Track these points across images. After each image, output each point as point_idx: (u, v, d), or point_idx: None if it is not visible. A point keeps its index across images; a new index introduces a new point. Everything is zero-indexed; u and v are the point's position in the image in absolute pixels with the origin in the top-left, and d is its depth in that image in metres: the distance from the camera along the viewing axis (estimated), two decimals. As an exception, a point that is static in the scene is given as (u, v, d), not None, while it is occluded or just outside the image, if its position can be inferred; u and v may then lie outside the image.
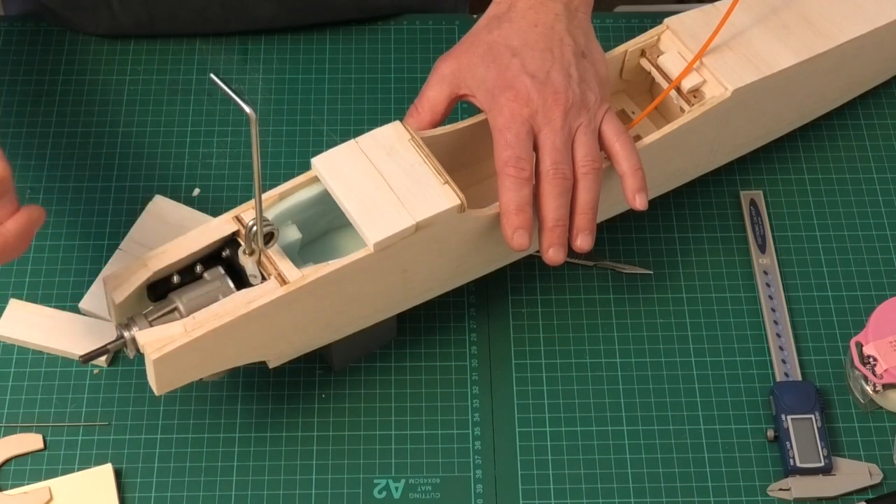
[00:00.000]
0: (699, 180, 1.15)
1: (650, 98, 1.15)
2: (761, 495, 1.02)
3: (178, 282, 0.97)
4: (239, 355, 0.97)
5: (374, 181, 0.97)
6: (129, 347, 0.94)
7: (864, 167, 1.19)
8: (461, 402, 1.06)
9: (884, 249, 1.14)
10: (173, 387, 0.96)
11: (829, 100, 1.18)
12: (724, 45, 1.09)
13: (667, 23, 1.11)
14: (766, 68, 1.08)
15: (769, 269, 1.12)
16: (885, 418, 1.05)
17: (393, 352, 1.08)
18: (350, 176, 0.98)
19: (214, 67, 1.24)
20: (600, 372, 1.07)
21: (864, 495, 1.02)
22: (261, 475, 1.02)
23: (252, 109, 0.84)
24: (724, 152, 1.13)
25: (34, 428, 1.04)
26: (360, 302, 0.99)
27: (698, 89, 1.08)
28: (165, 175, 1.17)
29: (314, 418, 1.05)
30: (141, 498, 1.01)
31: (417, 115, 1.03)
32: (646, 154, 1.03)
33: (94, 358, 0.96)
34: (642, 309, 1.11)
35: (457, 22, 1.28)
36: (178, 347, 0.92)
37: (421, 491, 1.02)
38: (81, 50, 1.25)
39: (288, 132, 1.20)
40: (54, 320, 1.08)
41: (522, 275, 1.12)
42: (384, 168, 0.98)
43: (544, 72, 1.00)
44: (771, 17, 1.12)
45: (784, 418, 1.03)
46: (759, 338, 1.09)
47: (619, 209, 1.09)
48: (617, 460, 1.03)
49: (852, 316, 1.10)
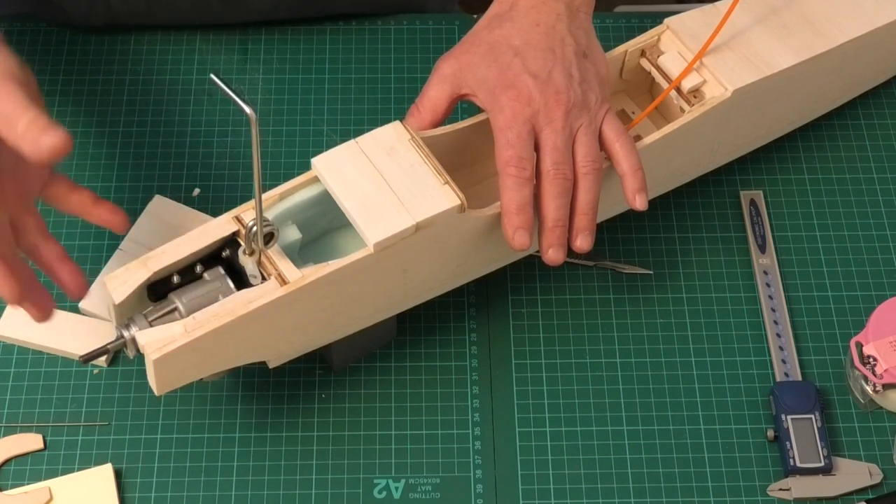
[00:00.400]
0: (699, 180, 1.15)
1: (650, 98, 1.15)
2: (761, 495, 1.02)
3: (178, 282, 0.97)
4: (239, 355, 0.97)
5: (374, 181, 0.97)
6: (129, 347, 0.94)
7: (864, 167, 1.19)
8: (461, 402, 1.06)
9: (884, 249, 1.14)
10: (173, 387, 0.96)
11: (829, 100, 1.18)
12: (725, 46, 1.09)
13: (667, 23, 1.11)
14: (767, 68, 1.08)
15: (769, 269, 1.12)
16: (885, 418, 1.05)
17: (393, 352, 1.08)
18: (350, 176, 0.98)
19: (214, 67, 1.24)
20: (600, 372, 1.07)
21: (864, 495, 1.02)
22: (261, 475, 1.02)
23: (252, 109, 0.84)
24: (724, 152, 1.13)
25: (34, 428, 1.04)
26: (360, 302, 0.99)
27: (698, 89, 1.08)
28: (165, 175, 1.17)
29: (314, 418, 1.05)
30: (141, 498, 1.01)
31: (419, 114, 1.03)
32: (646, 154, 1.03)
33: (94, 358, 0.97)
34: (642, 309, 1.11)
35: (457, 22, 1.28)
36: (178, 348, 0.92)
37: (421, 491, 1.02)
38: (81, 50, 1.25)
39: (288, 132, 1.20)
40: (54, 320, 1.07)
41: (522, 275, 1.12)
42: (384, 168, 0.98)
43: (546, 72, 1.00)
44: (771, 17, 1.12)
45: (784, 418, 1.03)
46: (759, 338, 1.09)
47: (619, 209, 1.09)
48: (617, 460, 1.03)
49: (852, 316, 1.10)
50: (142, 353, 0.93)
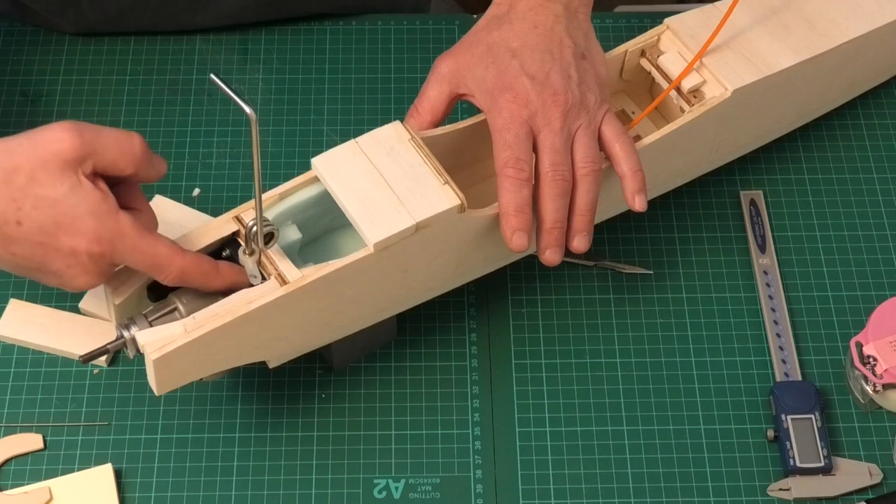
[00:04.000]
0: (699, 180, 1.15)
1: (650, 98, 1.15)
2: (761, 495, 1.02)
3: (178, 282, 0.97)
4: (239, 355, 0.97)
5: (374, 181, 0.97)
6: (129, 348, 0.94)
7: (864, 167, 1.19)
8: (461, 402, 1.06)
9: (884, 249, 1.14)
10: (173, 387, 0.96)
11: (829, 100, 1.18)
12: (725, 45, 1.09)
13: (667, 23, 1.11)
14: (767, 68, 1.08)
15: (769, 269, 1.12)
16: (885, 418, 1.05)
17: (393, 352, 1.08)
18: (350, 176, 0.98)
19: (214, 67, 1.24)
20: (600, 372, 1.07)
21: (864, 495, 1.02)
22: (261, 475, 1.02)
23: (252, 109, 0.84)
24: (724, 152, 1.13)
25: (34, 428, 1.04)
26: (361, 302, 0.99)
27: (698, 89, 1.08)
28: (165, 175, 1.16)
29: (314, 418, 1.05)
30: (141, 498, 1.01)
31: (418, 115, 1.03)
32: (646, 154, 1.04)
33: (94, 358, 0.97)
34: (642, 309, 1.11)
35: (457, 22, 1.28)
36: (179, 347, 0.92)
37: (421, 491, 1.02)
38: (81, 50, 1.25)
39: (288, 132, 1.20)
40: (54, 320, 1.08)
41: (522, 275, 1.12)
42: (384, 168, 0.98)
43: (544, 73, 1.00)
44: (771, 17, 1.12)
45: (784, 418, 1.03)
46: (759, 338, 1.09)
47: (619, 209, 1.09)
48: (617, 460, 1.03)
49: (852, 316, 1.10)
50: (142, 353, 0.93)
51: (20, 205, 0.89)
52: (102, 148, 0.90)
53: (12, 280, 1.10)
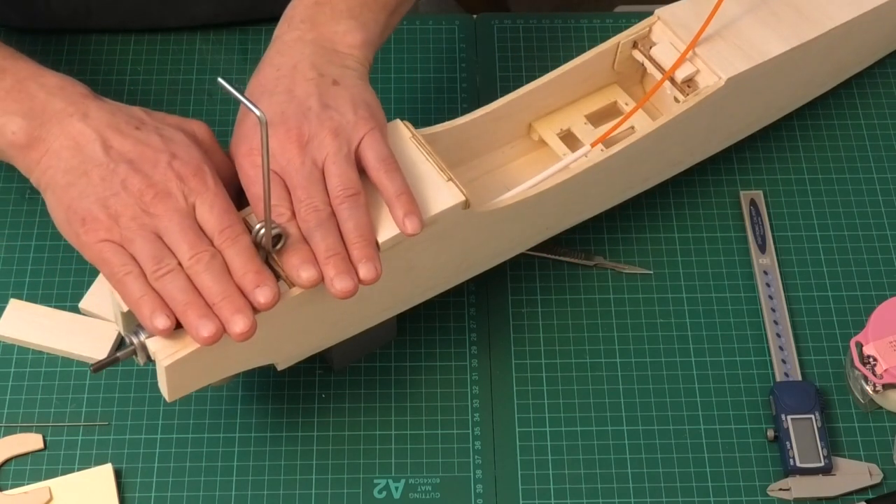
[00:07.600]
0: (699, 180, 1.15)
1: (642, 89, 1.15)
2: (761, 495, 1.02)
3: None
4: (249, 358, 0.96)
5: (376, 180, 0.97)
6: (140, 354, 0.92)
7: (865, 167, 1.19)
8: (461, 402, 1.06)
9: (884, 249, 1.14)
10: (185, 393, 0.94)
11: (818, 84, 1.19)
12: (716, 35, 1.10)
13: (658, 14, 1.11)
14: (758, 56, 1.09)
15: (769, 269, 1.12)
16: (885, 418, 1.05)
17: (393, 352, 1.08)
18: (352, 176, 0.98)
19: (214, 67, 1.24)
20: (600, 372, 1.07)
21: (864, 495, 1.02)
22: (261, 475, 1.02)
23: (262, 112, 0.84)
24: (718, 140, 1.14)
25: (34, 428, 1.04)
26: (367, 300, 0.99)
27: (692, 79, 1.09)
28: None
29: (314, 418, 1.05)
30: (141, 498, 1.01)
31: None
32: (642, 145, 1.04)
33: (105, 367, 0.94)
34: (642, 309, 1.11)
35: (457, 22, 1.28)
36: (190, 353, 0.91)
37: (421, 491, 1.02)
38: (81, 50, 1.24)
39: (288, 132, 1.20)
40: (54, 320, 1.08)
41: (522, 275, 1.12)
42: (386, 167, 0.98)
43: (278, 114, 0.97)
44: (760, 5, 1.13)
45: (784, 418, 1.03)
46: (759, 338, 1.09)
47: (618, 200, 1.09)
48: (617, 460, 1.03)
49: (852, 316, 1.10)
50: (153, 359, 0.92)
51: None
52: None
53: (12, 280, 1.10)
